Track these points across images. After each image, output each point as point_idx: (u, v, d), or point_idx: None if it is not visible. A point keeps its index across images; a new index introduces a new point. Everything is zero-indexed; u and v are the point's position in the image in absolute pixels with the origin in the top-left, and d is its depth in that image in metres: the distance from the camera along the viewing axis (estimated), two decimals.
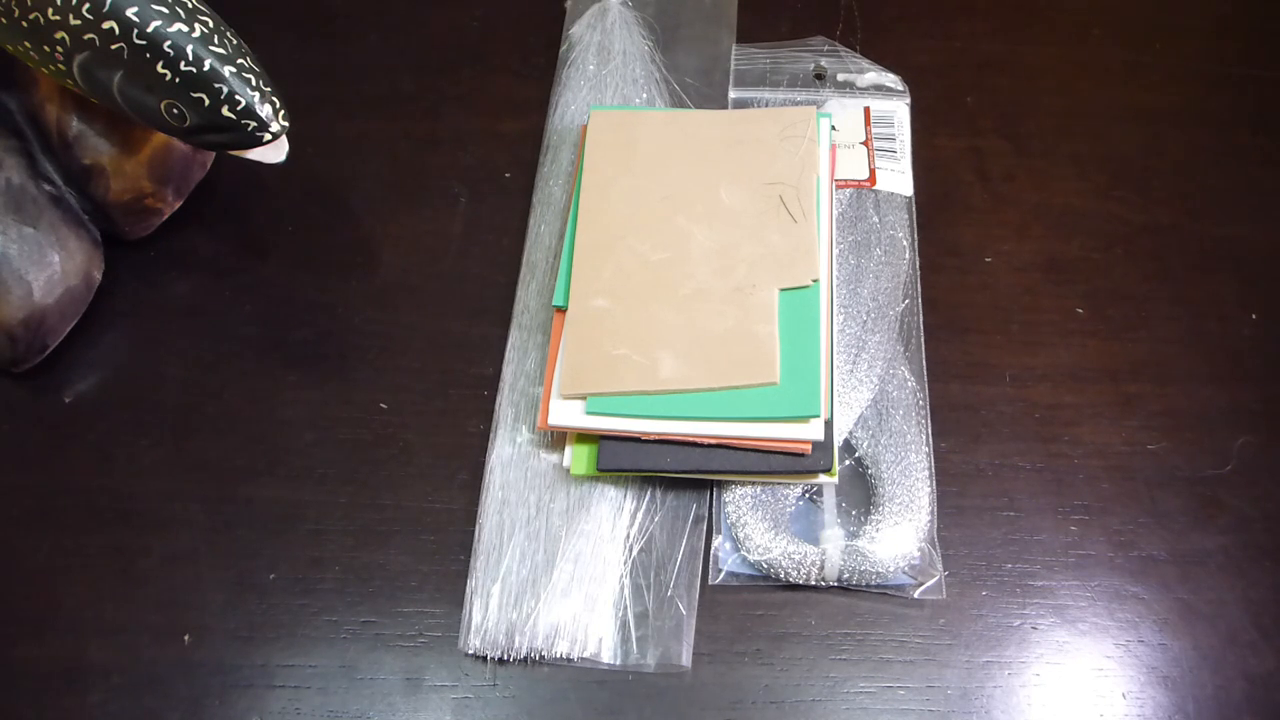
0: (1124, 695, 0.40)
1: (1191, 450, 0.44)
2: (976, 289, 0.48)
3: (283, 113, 0.40)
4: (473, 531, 0.42)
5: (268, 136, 0.40)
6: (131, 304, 0.48)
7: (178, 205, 0.48)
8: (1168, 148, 0.52)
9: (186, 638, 0.41)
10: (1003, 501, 0.43)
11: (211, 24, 0.39)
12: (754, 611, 0.41)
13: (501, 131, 0.52)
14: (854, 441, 0.43)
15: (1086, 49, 0.56)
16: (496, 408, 0.44)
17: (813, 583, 0.41)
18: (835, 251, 0.47)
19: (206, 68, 0.38)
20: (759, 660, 0.40)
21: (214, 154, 0.49)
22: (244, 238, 0.50)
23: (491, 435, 0.44)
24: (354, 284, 0.48)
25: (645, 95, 0.51)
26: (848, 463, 0.43)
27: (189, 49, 0.38)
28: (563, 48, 0.54)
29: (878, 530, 0.41)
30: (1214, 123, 0.53)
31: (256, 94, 0.39)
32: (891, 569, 0.40)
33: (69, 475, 0.44)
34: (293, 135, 0.41)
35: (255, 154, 0.41)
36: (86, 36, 0.38)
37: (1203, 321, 0.47)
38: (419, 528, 0.43)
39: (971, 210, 0.50)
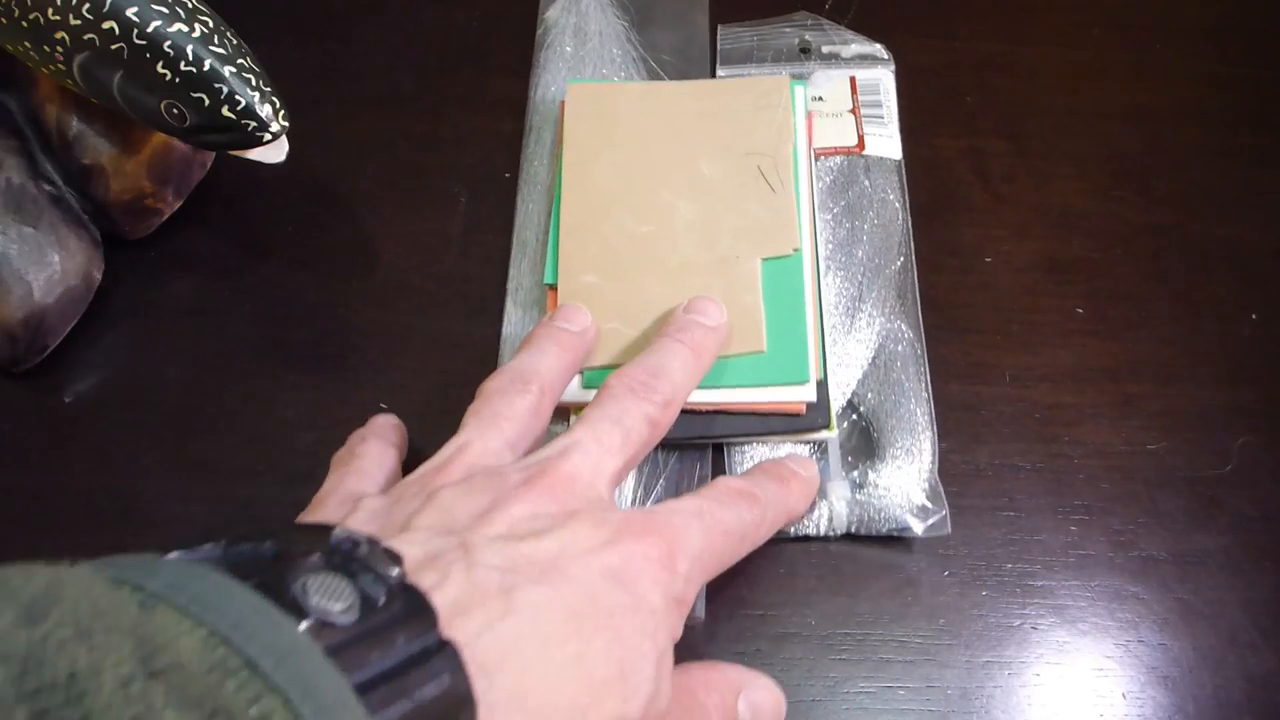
0: (1124, 695, 0.40)
1: (1191, 450, 0.44)
2: (976, 289, 0.48)
3: (283, 113, 0.40)
4: None
5: (268, 136, 0.40)
6: (131, 304, 0.48)
7: (178, 205, 0.48)
8: (1168, 148, 0.52)
9: None
10: (1003, 501, 0.43)
11: (211, 24, 0.39)
12: (754, 611, 0.41)
13: (501, 131, 0.52)
14: (855, 398, 0.44)
15: (1086, 49, 0.55)
16: None
17: (822, 534, 0.42)
18: (829, 216, 0.48)
19: (206, 68, 0.38)
20: (759, 660, 0.40)
21: (214, 154, 0.49)
22: (244, 238, 0.50)
23: None
24: (354, 284, 0.48)
25: (623, 75, 0.52)
26: (852, 417, 0.44)
27: (189, 49, 0.38)
28: (539, 31, 0.54)
29: (881, 477, 0.42)
30: (1214, 123, 0.53)
31: (256, 94, 0.39)
32: (897, 512, 0.41)
33: (69, 475, 0.44)
34: (293, 135, 0.41)
35: (255, 154, 0.41)
36: (86, 36, 0.38)
37: (1203, 321, 0.47)
38: None
39: (971, 210, 0.50)
